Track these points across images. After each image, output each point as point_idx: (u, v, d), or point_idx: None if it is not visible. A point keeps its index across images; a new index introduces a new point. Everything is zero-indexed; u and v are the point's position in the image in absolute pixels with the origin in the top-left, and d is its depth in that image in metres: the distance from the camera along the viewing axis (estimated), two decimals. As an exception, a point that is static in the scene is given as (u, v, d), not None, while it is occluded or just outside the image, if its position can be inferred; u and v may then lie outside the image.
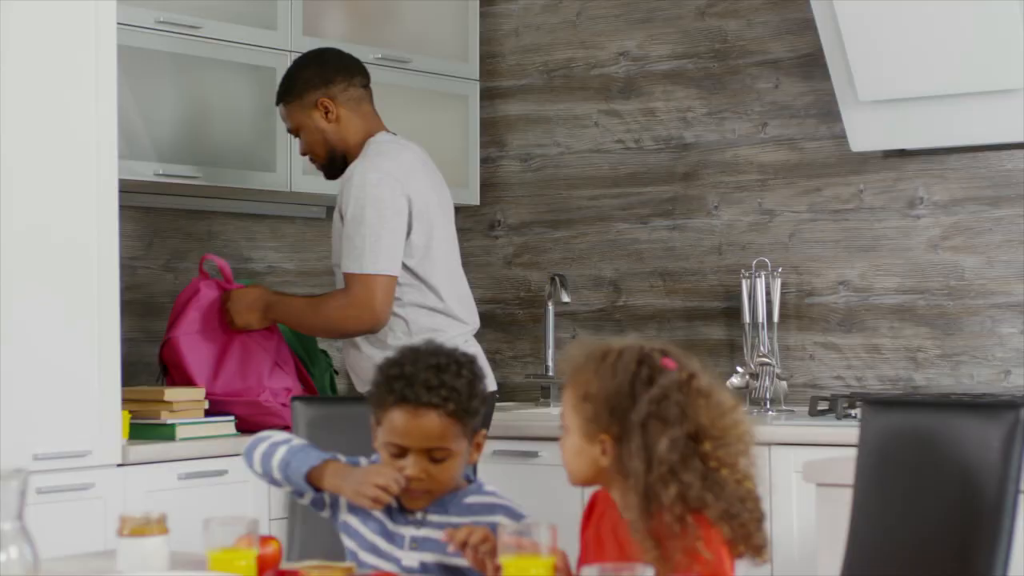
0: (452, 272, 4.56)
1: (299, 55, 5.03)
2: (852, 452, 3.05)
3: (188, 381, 4.61)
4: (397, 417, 2.73)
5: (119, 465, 4.24)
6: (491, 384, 4.47)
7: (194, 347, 4.63)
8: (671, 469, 2.46)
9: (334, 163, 4.57)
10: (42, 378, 4.07)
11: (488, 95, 5.83)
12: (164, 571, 2.63)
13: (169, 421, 4.46)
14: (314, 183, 5.12)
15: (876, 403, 3.01)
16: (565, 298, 5.51)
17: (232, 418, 4.65)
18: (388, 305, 4.39)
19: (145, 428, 4.46)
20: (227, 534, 2.58)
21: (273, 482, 2.88)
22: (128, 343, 4.87)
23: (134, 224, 5.01)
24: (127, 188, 4.61)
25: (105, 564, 2.79)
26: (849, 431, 4.05)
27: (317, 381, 4.89)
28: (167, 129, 4.75)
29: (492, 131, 5.86)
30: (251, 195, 5.16)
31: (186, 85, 4.80)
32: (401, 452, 2.74)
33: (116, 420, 4.23)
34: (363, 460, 2.87)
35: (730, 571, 2.47)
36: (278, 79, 4.99)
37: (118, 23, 4.31)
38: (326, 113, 4.53)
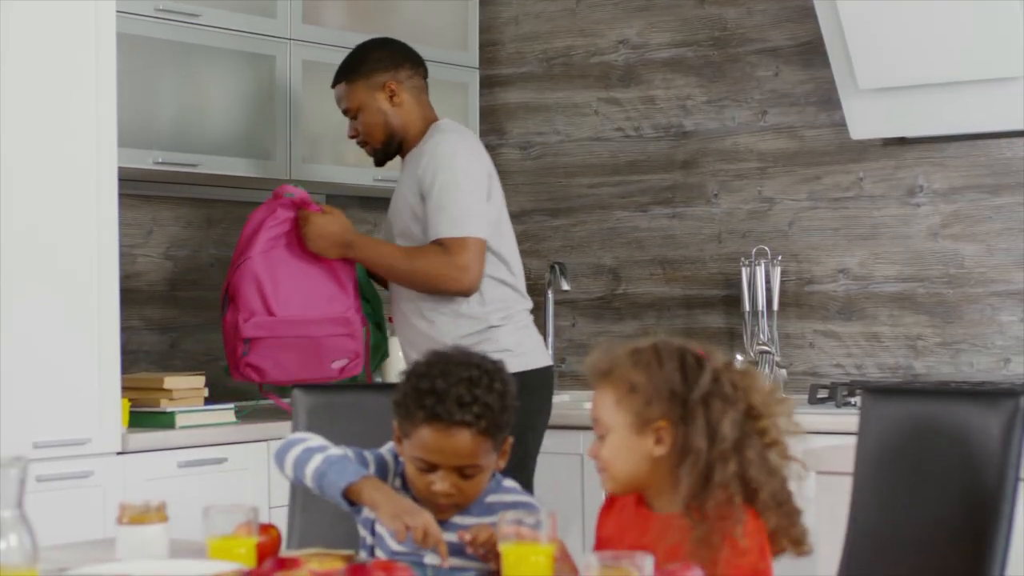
0: (515, 249, 4.56)
1: (299, 43, 5.04)
2: (851, 440, 3.05)
3: (263, 303, 4.49)
4: (427, 435, 2.67)
5: (119, 453, 4.24)
6: (545, 359, 4.50)
7: (272, 268, 4.53)
8: (733, 445, 2.49)
9: (389, 148, 4.54)
10: (42, 366, 4.07)
11: (487, 83, 5.83)
12: (164, 559, 2.63)
13: (169, 409, 4.46)
14: (314, 171, 5.12)
15: (876, 391, 3.01)
16: (565, 286, 5.51)
17: (232, 406, 4.65)
18: (482, 270, 4.37)
19: (145, 416, 4.46)
20: (227, 522, 2.58)
21: (303, 487, 2.81)
22: (128, 331, 4.87)
23: (134, 212, 5.01)
24: (127, 176, 4.61)
25: (105, 552, 2.79)
26: (848, 419, 4.06)
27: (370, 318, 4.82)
28: (167, 117, 4.75)
29: (492, 119, 5.85)
30: (251, 183, 5.15)
31: (185, 73, 4.80)
32: (430, 468, 2.70)
33: (116, 408, 4.23)
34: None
35: (769, 567, 2.45)
36: (277, 67, 4.99)
37: (117, 11, 4.31)
38: (391, 96, 4.51)
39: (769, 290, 5.16)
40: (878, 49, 4.77)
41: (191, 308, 5.22)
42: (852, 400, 4.67)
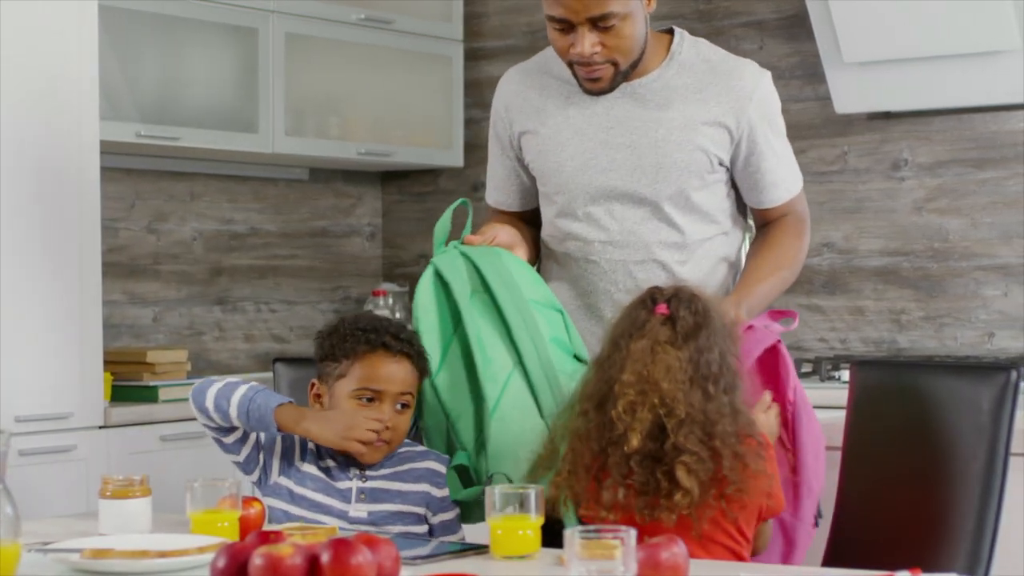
0: None
1: (282, 15, 5.02)
2: (835, 414, 3.05)
3: None
4: (377, 363, 2.84)
5: (101, 427, 4.23)
6: None
7: None
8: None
9: (628, 72, 3.12)
10: (24, 340, 4.05)
11: (472, 56, 5.81)
12: (146, 532, 2.62)
13: (151, 383, 4.45)
14: (296, 144, 5.10)
15: (866, 364, 3.00)
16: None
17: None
18: None
19: (127, 390, 4.45)
20: (210, 496, 2.58)
21: (222, 419, 2.88)
22: (110, 305, 4.86)
23: (116, 185, 4.99)
24: (109, 149, 4.59)
25: (87, 526, 2.78)
26: (832, 393, 4.06)
27: None
28: (149, 90, 4.73)
29: (476, 92, 5.83)
30: (233, 156, 5.14)
31: (168, 46, 4.78)
32: (374, 397, 2.84)
33: (98, 382, 4.22)
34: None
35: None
36: (260, 40, 4.97)
37: (99, -18, 4.30)
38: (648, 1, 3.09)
39: (753, 264, 5.14)
40: (863, 23, 4.76)
41: (174, 282, 5.20)
42: (836, 374, 4.67)
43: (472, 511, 2.93)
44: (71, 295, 4.15)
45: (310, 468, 2.87)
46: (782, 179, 3.23)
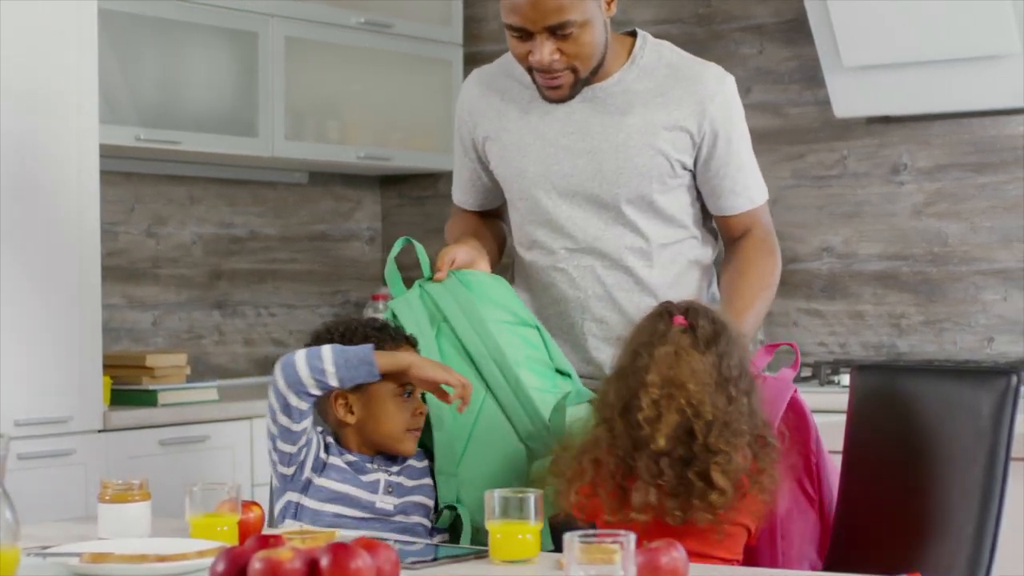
0: None
1: (281, 19, 5.02)
2: (835, 418, 3.05)
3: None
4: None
5: (100, 431, 4.23)
6: None
7: None
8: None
9: (590, 78, 3.11)
10: (23, 344, 4.05)
11: (471, 60, 5.80)
12: (145, 536, 2.62)
13: (151, 387, 4.45)
14: (296, 148, 5.10)
15: (866, 369, 3.00)
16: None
17: (214, 384, 4.64)
18: None
19: (126, 394, 4.45)
20: (209, 500, 2.58)
21: (315, 380, 2.77)
22: (109, 309, 4.86)
23: (115, 189, 4.99)
24: (108, 153, 4.59)
25: (87, 530, 2.78)
26: (832, 397, 4.06)
27: None
28: (149, 93, 4.73)
29: (475, 96, 5.83)
30: (233, 160, 5.14)
31: (168, 49, 4.78)
32: (412, 391, 2.88)
33: (97, 386, 4.21)
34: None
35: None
36: (260, 43, 4.97)
37: (99, -14, 4.30)
38: (608, 3, 3.09)
39: (753, 268, 5.14)
40: (863, 27, 4.76)
41: (173, 286, 5.20)
42: (835, 378, 4.67)
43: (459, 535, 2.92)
44: (70, 298, 4.15)
45: (335, 460, 2.88)
46: (744, 187, 3.16)
